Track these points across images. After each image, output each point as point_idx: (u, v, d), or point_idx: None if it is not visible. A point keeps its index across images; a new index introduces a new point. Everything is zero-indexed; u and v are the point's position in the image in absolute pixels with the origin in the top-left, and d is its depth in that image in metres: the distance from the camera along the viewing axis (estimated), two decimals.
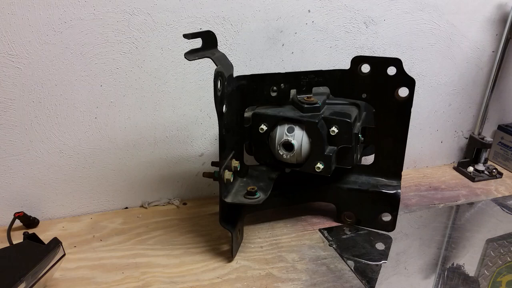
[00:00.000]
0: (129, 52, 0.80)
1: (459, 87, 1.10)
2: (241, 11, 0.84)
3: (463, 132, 1.17)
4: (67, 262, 0.70)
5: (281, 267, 0.74)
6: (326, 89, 0.81)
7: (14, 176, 0.81)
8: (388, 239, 0.83)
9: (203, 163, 0.95)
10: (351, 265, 0.75)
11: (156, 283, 0.70)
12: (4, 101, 0.76)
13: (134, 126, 0.86)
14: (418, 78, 0.79)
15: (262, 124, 0.75)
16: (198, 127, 0.91)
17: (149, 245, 0.79)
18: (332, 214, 0.89)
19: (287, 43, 0.90)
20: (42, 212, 0.86)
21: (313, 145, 0.73)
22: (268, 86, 0.76)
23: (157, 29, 0.80)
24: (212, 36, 0.68)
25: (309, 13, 0.89)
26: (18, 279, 0.56)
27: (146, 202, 0.92)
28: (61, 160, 0.84)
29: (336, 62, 0.95)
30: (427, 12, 0.98)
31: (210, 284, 0.70)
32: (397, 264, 0.77)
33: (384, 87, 0.77)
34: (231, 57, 0.82)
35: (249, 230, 0.84)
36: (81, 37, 0.76)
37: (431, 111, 1.10)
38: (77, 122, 0.82)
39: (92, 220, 0.87)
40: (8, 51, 0.73)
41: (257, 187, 0.73)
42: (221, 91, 0.64)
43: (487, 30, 1.06)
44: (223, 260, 0.76)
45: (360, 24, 0.94)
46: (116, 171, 0.88)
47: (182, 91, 0.86)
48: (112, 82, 0.81)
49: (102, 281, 0.70)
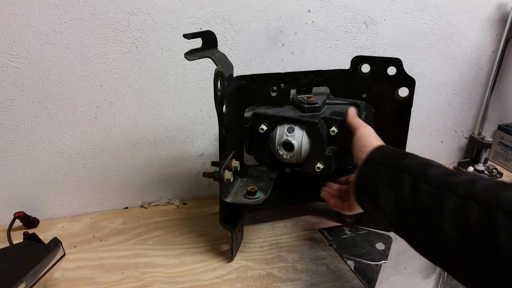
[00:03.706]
0: (129, 52, 0.80)
1: (459, 87, 1.10)
2: (241, 11, 0.84)
3: (463, 132, 1.17)
4: (67, 262, 0.70)
5: (281, 267, 0.74)
6: (326, 89, 0.81)
7: (14, 176, 0.81)
8: (388, 239, 0.83)
9: (203, 163, 0.95)
10: (351, 265, 0.75)
11: (156, 283, 0.70)
12: (4, 101, 0.76)
13: (134, 126, 0.86)
14: (418, 78, 0.79)
15: (262, 124, 0.75)
16: (198, 127, 0.91)
17: (149, 245, 0.79)
18: (332, 214, 0.89)
19: (287, 43, 0.90)
20: (42, 212, 0.86)
21: (313, 145, 0.73)
22: (268, 86, 0.76)
23: (157, 29, 0.80)
24: (212, 36, 0.68)
25: (309, 13, 0.89)
26: (18, 279, 0.56)
27: (146, 202, 0.92)
28: (61, 160, 0.84)
29: (336, 62, 0.95)
30: (427, 12, 0.98)
31: (210, 284, 0.70)
32: (397, 264, 0.77)
33: (384, 87, 0.77)
34: (231, 57, 0.82)
35: (249, 230, 0.84)
36: (81, 37, 0.76)
37: (431, 111, 1.10)
38: (77, 122, 0.82)
39: (92, 220, 0.87)
40: (8, 51, 0.73)
41: (257, 187, 0.73)
42: (221, 91, 0.64)
43: (487, 30, 1.06)
44: (223, 260, 0.76)
45: (360, 24, 0.94)
46: (116, 171, 0.88)
47: (182, 91, 0.86)
48: (112, 82, 0.81)
49: (102, 281, 0.70)
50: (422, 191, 0.49)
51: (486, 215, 0.42)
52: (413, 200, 0.50)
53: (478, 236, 0.42)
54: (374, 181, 0.56)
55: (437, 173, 0.50)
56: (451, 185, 0.47)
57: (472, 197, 0.44)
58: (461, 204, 0.45)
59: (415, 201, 0.50)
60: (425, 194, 0.49)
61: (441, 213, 0.46)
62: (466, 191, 0.45)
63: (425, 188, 0.49)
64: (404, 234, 0.53)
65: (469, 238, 0.43)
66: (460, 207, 0.45)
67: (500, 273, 0.40)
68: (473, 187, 0.45)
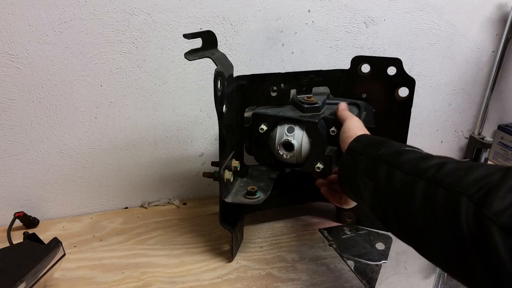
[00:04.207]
0: (129, 52, 0.80)
1: (459, 87, 1.10)
2: (241, 11, 0.84)
3: (463, 132, 1.17)
4: (67, 262, 0.70)
5: (281, 267, 0.74)
6: (326, 89, 0.81)
7: (14, 176, 0.81)
8: (388, 239, 0.83)
9: (203, 163, 0.95)
10: (351, 265, 0.75)
11: (156, 283, 0.70)
12: (4, 101, 0.76)
13: (134, 126, 0.86)
14: (418, 78, 0.79)
15: (262, 124, 0.75)
16: (198, 127, 0.91)
17: (149, 245, 0.79)
18: (332, 214, 0.89)
19: (287, 43, 0.90)
20: (42, 212, 0.86)
21: (313, 145, 0.73)
22: (268, 86, 0.76)
23: (157, 29, 0.80)
24: (212, 36, 0.68)
25: (309, 13, 0.89)
26: (18, 279, 0.56)
27: (146, 202, 0.93)
28: (61, 160, 0.84)
29: (336, 62, 0.95)
30: (427, 12, 0.98)
31: (210, 284, 0.70)
32: (397, 264, 0.77)
33: (384, 87, 0.77)
34: (231, 57, 0.82)
35: (249, 230, 0.84)
36: (81, 37, 0.76)
37: (431, 111, 1.10)
38: (77, 122, 0.82)
39: (92, 220, 0.87)
40: (8, 51, 0.73)
41: (257, 187, 0.73)
42: (221, 91, 0.64)
43: (487, 30, 1.06)
44: (223, 260, 0.76)
45: (360, 24, 0.94)
46: (116, 171, 0.88)
47: (182, 91, 0.86)
48: (112, 82, 0.81)
49: (102, 281, 0.70)
50: (396, 178, 0.50)
51: (451, 199, 0.43)
52: (388, 187, 0.51)
53: (444, 220, 0.43)
54: (354, 171, 0.57)
55: (410, 159, 0.51)
56: (421, 171, 0.48)
57: (439, 182, 0.45)
58: (428, 189, 0.46)
59: (390, 188, 0.51)
60: (398, 181, 0.50)
61: (411, 199, 0.47)
62: (433, 175, 0.46)
63: (398, 175, 0.50)
64: (382, 220, 0.54)
65: (436, 222, 0.44)
66: (427, 191, 0.46)
67: (464, 256, 0.41)
68: (441, 171, 0.46)
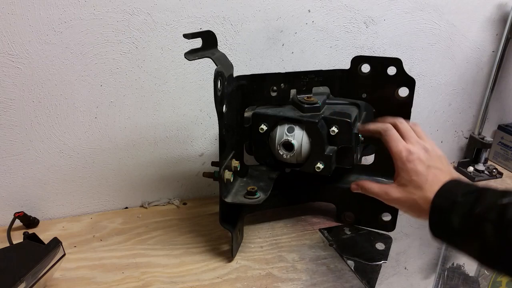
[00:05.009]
0: (129, 52, 0.80)
1: (459, 87, 1.10)
2: (241, 11, 0.84)
3: (463, 132, 1.17)
4: (67, 262, 0.70)
5: (281, 267, 0.74)
6: (326, 89, 0.81)
7: (14, 176, 0.81)
8: (388, 239, 0.83)
9: (203, 163, 0.95)
10: (351, 265, 0.75)
11: (156, 283, 0.70)
12: (4, 101, 0.76)
13: (134, 126, 0.86)
14: (418, 78, 0.79)
15: (262, 124, 0.75)
16: (198, 127, 0.91)
17: (149, 245, 0.79)
18: (332, 214, 0.89)
19: (287, 43, 0.90)
20: (42, 212, 0.86)
21: (313, 145, 0.73)
22: (268, 86, 0.76)
23: (157, 29, 0.80)
24: (212, 36, 0.68)
25: (309, 13, 0.89)
26: (18, 279, 0.56)
27: (146, 202, 0.92)
28: (61, 160, 0.84)
29: (336, 62, 0.95)
30: (427, 12, 0.98)
31: (210, 284, 0.70)
32: (397, 264, 0.77)
33: (384, 87, 0.77)
34: (231, 57, 0.82)
35: (249, 230, 0.84)
36: (81, 37, 0.76)
37: (431, 111, 1.10)
38: (77, 122, 0.82)
39: (92, 220, 0.87)
40: (8, 51, 0.73)
41: (257, 187, 0.73)
42: (221, 91, 0.64)
43: (487, 30, 1.06)
44: (223, 260, 0.76)
45: (360, 24, 0.94)
46: (116, 171, 0.88)
47: (182, 91, 0.86)
48: (112, 82, 0.81)
49: (102, 281, 0.70)
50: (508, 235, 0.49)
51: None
52: (499, 245, 0.50)
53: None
54: (450, 229, 0.55)
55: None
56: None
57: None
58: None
59: (502, 246, 0.50)
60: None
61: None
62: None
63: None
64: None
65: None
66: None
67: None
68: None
